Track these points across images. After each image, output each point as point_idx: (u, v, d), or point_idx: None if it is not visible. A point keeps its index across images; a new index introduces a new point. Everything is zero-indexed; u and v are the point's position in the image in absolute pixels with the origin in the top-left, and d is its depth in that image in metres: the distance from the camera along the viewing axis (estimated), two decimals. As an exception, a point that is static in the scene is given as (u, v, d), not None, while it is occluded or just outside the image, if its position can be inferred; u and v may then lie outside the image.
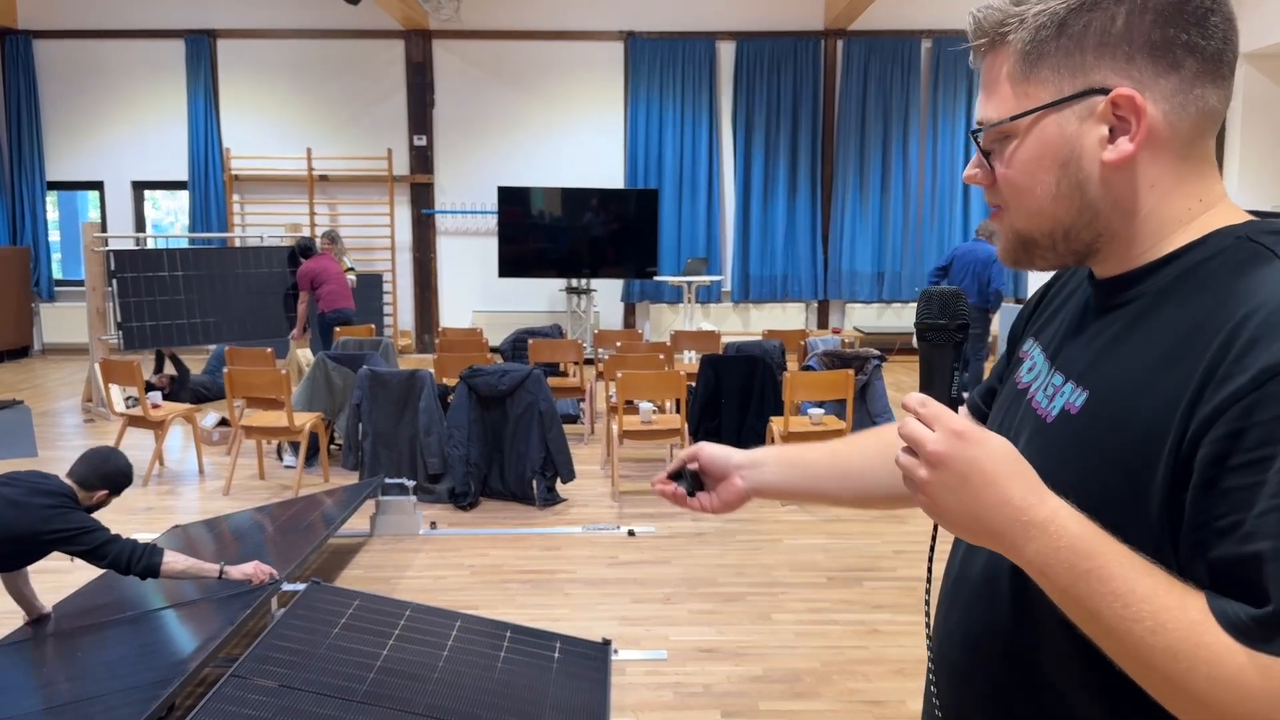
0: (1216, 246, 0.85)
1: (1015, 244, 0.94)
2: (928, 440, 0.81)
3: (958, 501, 0.81)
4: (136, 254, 8.13)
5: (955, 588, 1.02)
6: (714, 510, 1.26)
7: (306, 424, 5.93)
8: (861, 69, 11.51)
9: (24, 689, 3.10)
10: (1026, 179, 0.89)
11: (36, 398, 8.93)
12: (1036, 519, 0.78)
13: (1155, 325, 0.84)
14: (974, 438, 0.80)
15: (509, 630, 3.53)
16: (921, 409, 0.84)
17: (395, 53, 11.57)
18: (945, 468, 0.81)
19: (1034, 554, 0.78)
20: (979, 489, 0.80)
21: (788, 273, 11.69)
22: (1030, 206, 0.90)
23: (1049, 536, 0.77)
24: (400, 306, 11.91)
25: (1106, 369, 0.87)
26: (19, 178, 11.67)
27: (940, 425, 0.81)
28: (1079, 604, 0.77)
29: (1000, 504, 0.79)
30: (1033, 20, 0.87)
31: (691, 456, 1.26)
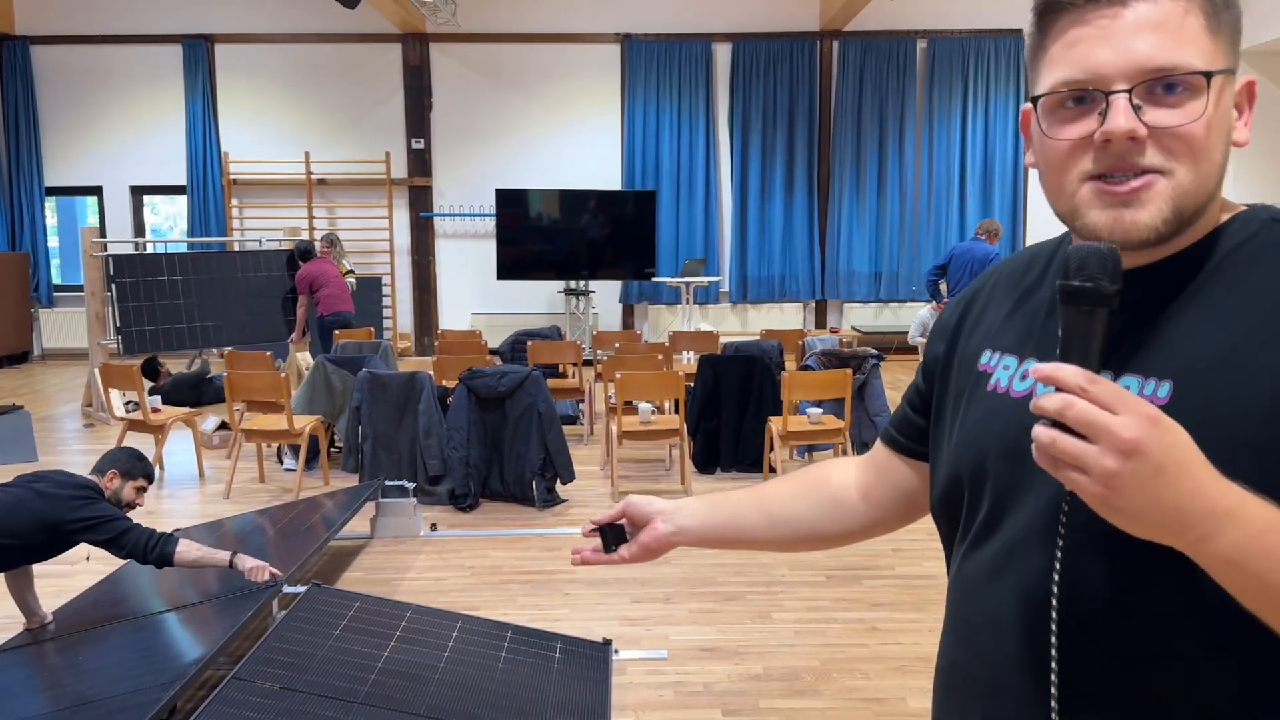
0: (1246, 230, 0.86)
1: (1175, 213, 0.84)
2: (1119, 426, 0.71)
3: (1151, 495, 0.72)
4: (135, 259, 8.14)
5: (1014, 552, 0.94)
6: (632, 559, 1.22)
7: (306, 427, 5.94)
8: (857, 69, 11.53)
9: (26, 693, 3.11)
10: (1214, 140, 0.84)
11: (36, 403, 8.94)
12: (1230, 506, 0.73)
13: (1221, 306, 0.84)
14: (1167, 423, 0.72)
15: (509, 631, 3.54)
16: (1092, 387, 0.73)
17: (392, 56, 11.59)
18: (1142, 457, 0.71)
19: (1228, 544, 0.73)
20: (1176, 479, 0.72)
21: (785, 273, 11.71)
22: (1206, 170, 0.84)
23: (1244, 523, 0.73)
24: (399, 309, 11.93)
25: (1184, 354, 0.84)
26: (17, 183, 11.69)
27: (1128, 408, 0.72)
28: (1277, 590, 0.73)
29: (1196, 494, 0.72)
30: None
31: (620, 513, 1.24)
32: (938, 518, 1.11)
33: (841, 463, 1.27)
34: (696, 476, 6.24)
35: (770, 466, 6.06)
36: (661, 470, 6.44)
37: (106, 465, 3.64)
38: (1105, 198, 0.85)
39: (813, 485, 1.23)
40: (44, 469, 3.58)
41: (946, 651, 1.03)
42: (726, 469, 6.38)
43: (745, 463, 6.36)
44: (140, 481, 3.68)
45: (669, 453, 6.70)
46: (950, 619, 1.03)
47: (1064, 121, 0.87)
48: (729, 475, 6.30)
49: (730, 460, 6.38)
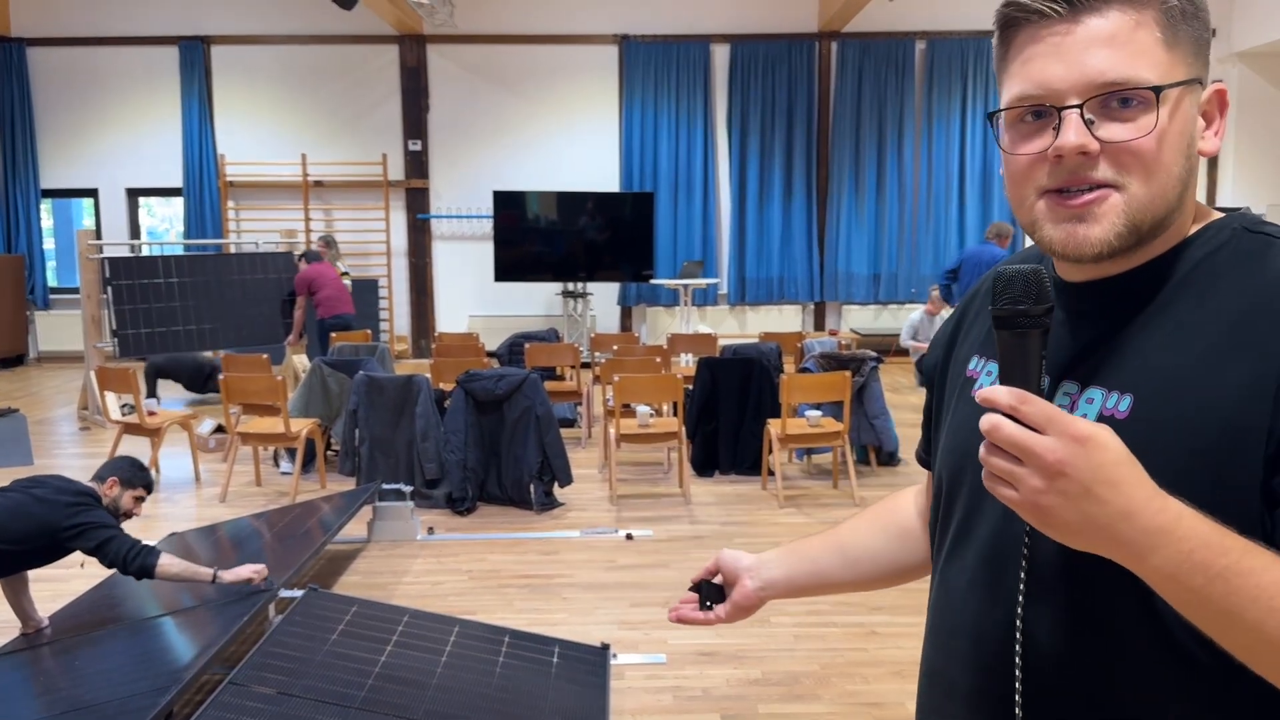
0: (1216, 240, 0.85)
1: (1130, 226, 0.84)
2: (1043, 448, 0.73)
3: (1078, 513, 0.74)
4: (131, 261, 8.11)
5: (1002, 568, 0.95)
6: (728, 619, 1.21)
7: (303, 430, 5.92)
8: (856, 71, 11.53)
9: (21, 698, 3.09)
10: (1170, 154, 0.83)
11: (32, 406, 8.91)
12: (1163, 524, 0.73)
13: (1184, 319, 0.83)
14: (1097, 443, 0.73)
15: (507, 635, 3.52)
16: (1024, 407, 0.75)
17: (389, 58, 11.58)
18: (1066, 478, 0.73)
19: (1162, 561, 0.74)
20: (1104, 498, 0.73)
21: (784, 275, 11.70)
22: (1163, 183, 0.84)
23: (1177, 540, 0.73)
24: (396, 311, 11.90)
25: (1146, 368, 0.84)
26: (13, 185, 11.66)
27: (1055, 428, 0.74)
28: (1213, 605, 0.73)
29: (1127, 513, 0.73)
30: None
31: (714, 568, 1.23)
32: (929, 525, 1.12)
33: (905, 493, 1.27)
34: (695, 479, 6.23)
35: (769, 469, 6.05)
36: (660, 473, 6.42)
37: (107, 473, 3.62)
38: (1059, 212, 0.86)
39: (883, 519, 1.24)
40: (41, 474, 3.56)
41: (928, 658, 1.05)
42: (725, 472, 6.37)
43: (744, 466, 6.34)
44: (139, 491, 3.66)
45: (667, 456, 6.69)
46: (931, 626, 1.04)
47: (1022, 136, 0.88)
48: (727, 478, 6.28)
49: (729, 463, 6.37)
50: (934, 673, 1.02)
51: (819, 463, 6.61)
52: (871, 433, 6.28)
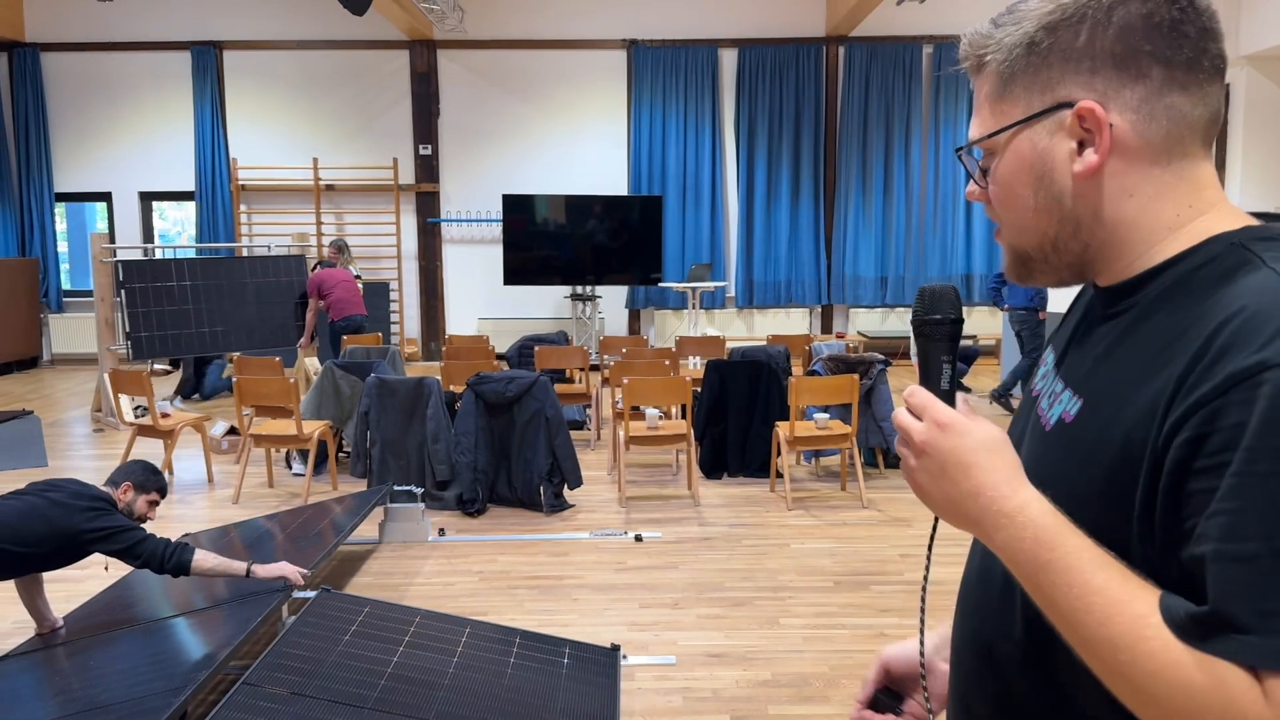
0: (1209, 254, 0.85)
1: (1013, 259, 0.97)
2: (913, 429, 0.88)
3: (938, 489, 0.86)
4: (144, 264, 8.17)
5: (970, 594, 1.03)
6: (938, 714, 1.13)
7: (315, 432, 5.96)
8: (863, 75, 11.54)
9: (37, 698, 3.13)
10: (1008, 194, 0.93)
11: (46, 408, 8.97)
12: (1006, 509, 0.82)
13: (1143, 334, 0.85)
14: (956, 429, 0.85)
15: (518, 636, 3.55)
16: (910, 398, 0.89)
17: (400, 63, 11.63)
18: (927, 456, 0.87)
19: (1002, 542, 0.82)
20: (955, 478, 0.85)
21: (791, 278, 11.71)
22: (1016, 221, 0.93)
23: (1016, 526, 0.81)
24: (406, 314, 11.95)
25: (1099, 377, 0.88)
26: (27, 189, 11.75)
27: (926, 415, 0.87)
28: (1040, 593, 0.80)
29: (974, 493, 0.84)
30: (1007, 42, 0.90)
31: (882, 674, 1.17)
32: None
33: None
34: (703, 482, 6.25)
35: (777, 471, 6.07)
36: (669, 475, 6.45)
37: (121, 478, 3.66)
38: None
39: None
40: (56, 478, 3.60)
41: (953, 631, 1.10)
42: (734, 474, 6.39)
43: (752, 468, 6.36)
44: (153, 495, 3.70)
45: (676, 458, 6.71)
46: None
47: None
48: (736, 481, 6.30)
49: (737, 465, 6.39)
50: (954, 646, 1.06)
51: (827, 465, 6.63)
52: (879, 435, 6.30)
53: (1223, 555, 0.71)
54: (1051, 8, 0.88)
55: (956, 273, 11.61)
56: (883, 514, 5.57)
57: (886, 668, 1.18)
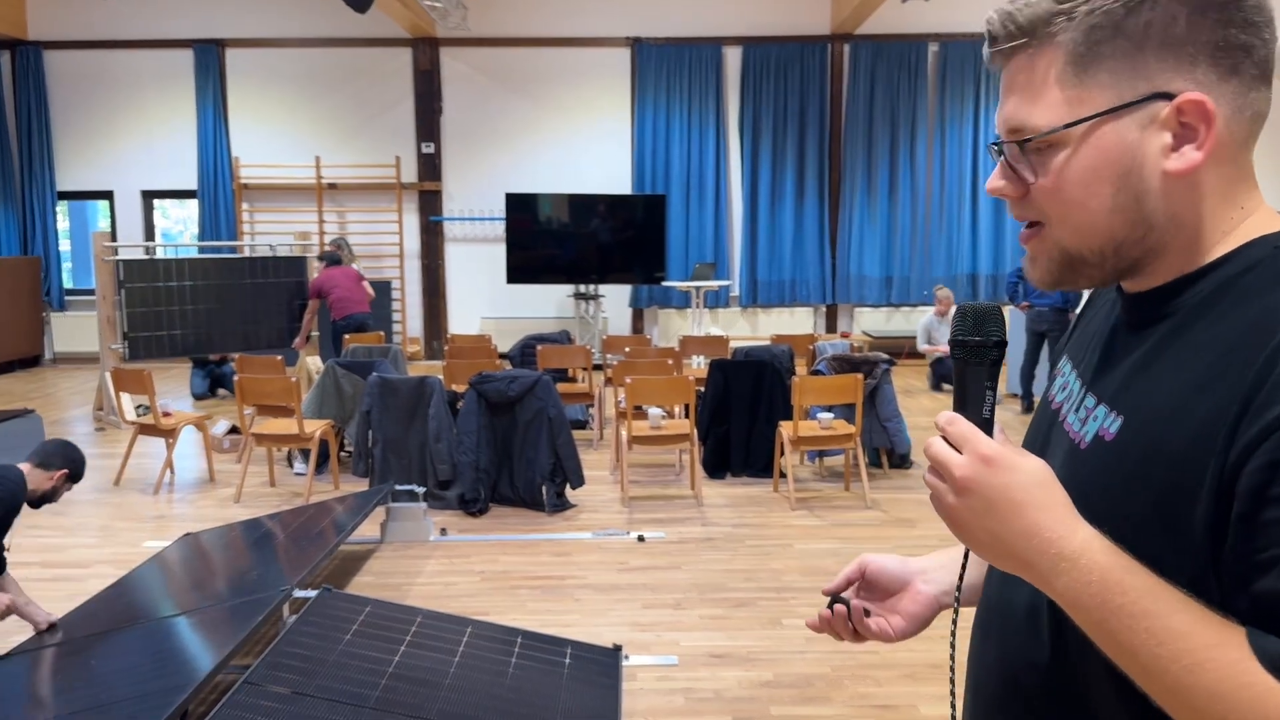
0: (1253, 258, 0.80)
1: (1060, 263, 0.87)
2: (954, 464, 0.80)
3: (984, 528, 0.79)
4: (145, 264, 8.17)
5: (991, 618, 0.98)
6: (902, 636, 1.07)
7: (316, 431, 5.95)
8: (868, 73, 11.52)
9: (38, 697, 3.12)
10: (1080, 191, 0.83)
11: (48, 406, 8.97)
12: (1066, 551, 0.75)
13: (1189, 345, 0.80)
14: (1003, 464, 0.78)
15: (520, 636, 3.53)
16: (949, 428, 0.81)
17: (403, 61, 11.62)
18: (971, 494, 0.79)
19: (1064, 588, 0.76)
20: (1006, 517, 0.77)
21: (796, 277, 11.69)
22: (1083, 221, 0.84)
23: (1079, 570, 0.75)
24: (409, 313, 11.94)
25: (1140, 392, 0.82)
26: (29, 188, 11.75)
27: (969, 448, 0.79)
28: (1112, 639, 0.74)
29: (1028, 534, 0.77)
30: (1085, 19, 0.81)
31: (857, 573, 1.09)
32: None
33: None
34: (707, 481, 6.23)
35: (781, 471, 6.05)
36: (672, 475, 6.43)
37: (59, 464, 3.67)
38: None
39: None
40: None
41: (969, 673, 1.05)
42: (737, 474, 6.37)
43: (756, 468, 6.34)
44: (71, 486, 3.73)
45: (679, 458, 6.69)
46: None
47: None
48: (739, 480, 6.28)
49: (740, 465, 6.37)
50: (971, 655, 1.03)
51: (831, 465, 6.61)
52: (883, 435, 6.28)
53: None
54: None
55: (962, 272, 11.58)
56: (887, 514, 5.54)
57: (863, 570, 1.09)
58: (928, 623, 1.07)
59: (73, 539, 5.22)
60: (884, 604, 1.09)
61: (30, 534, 5.29)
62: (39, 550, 5.02)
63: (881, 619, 1.07)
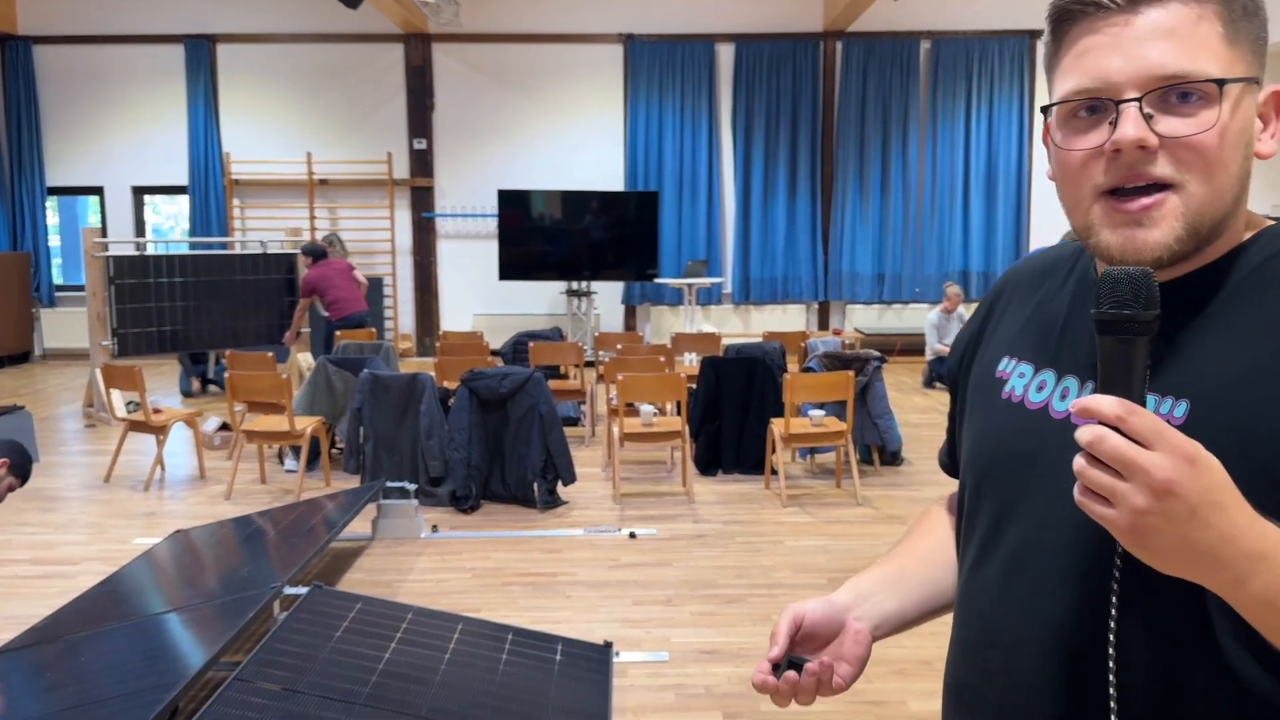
0: (1273, 246, 0.85)
1: (1191, 229, 0.82)
2: (1152, 465, 0.69)
3: (1181, 535, 0.70)
4: (135, 260, 8.14)
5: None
6: (849, 681, 1.00)
7: (308, 428, 5.94)
8: (860, 71, 11.52)
9: (26, 694, 3.11)
10: (1229, 152, 0.81)
11: (38, 403, 8.94)
12: (1264, 549, 0.71)
13: (1242, 325, 0.82)
14: (1204, 462, 0.70)
15: (510, 633, 3.54)
16: (1132, 419, 0.69)
17: (395, 57, 11.59)
18: (1175, 498, 0.69)
19: (1262, 587, 0.71)
20: (1210, 521, 0.70)
21: (788, 274, 11.70)
22: (1222, 183, 0.82)
23: (1274, 566, 0.71)
24: (401, 310, 11.93)
25: (1202, 374, 0.82)
26: (19, 183, 11.69)
27: (1165, 445, 0.69)
28: None
29: (1229, 538, 0.70)
30: None
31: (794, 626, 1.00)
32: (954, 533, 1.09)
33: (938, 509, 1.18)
34: (698, 478, 6.24)
35: (772, 468, 6.06)
36: (663, 472, 6.43)
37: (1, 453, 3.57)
38: (1116, 216, 0.83)
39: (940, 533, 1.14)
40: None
41: (952, 668, 1.01)
42: (728, 471, 6.38)
43: (747, 465, 6.35)
44: (15, 481, 3.61)
45: (671, 455, 6.70)
46: (956, 637, 1.00)
47: (1077, 132, 0.85)
48: (731, 477, 6.29)
49: (732, 462, 6.38)
50: (960, 684, 0.98)
51: (822, 462, 6.62)
52: (875, 432, 6.29)
53: None
54: None
55: (954, 269, 11.61)
56: (877, 511, 5.56)
57: (798, 624, 1.00)
58: (866, 661, 1.02)
59: (63, 535, 5.21)
60: (826, 652, 1.01)
61: (20, 531, 5.28)
62: (29, 547, 5.01)
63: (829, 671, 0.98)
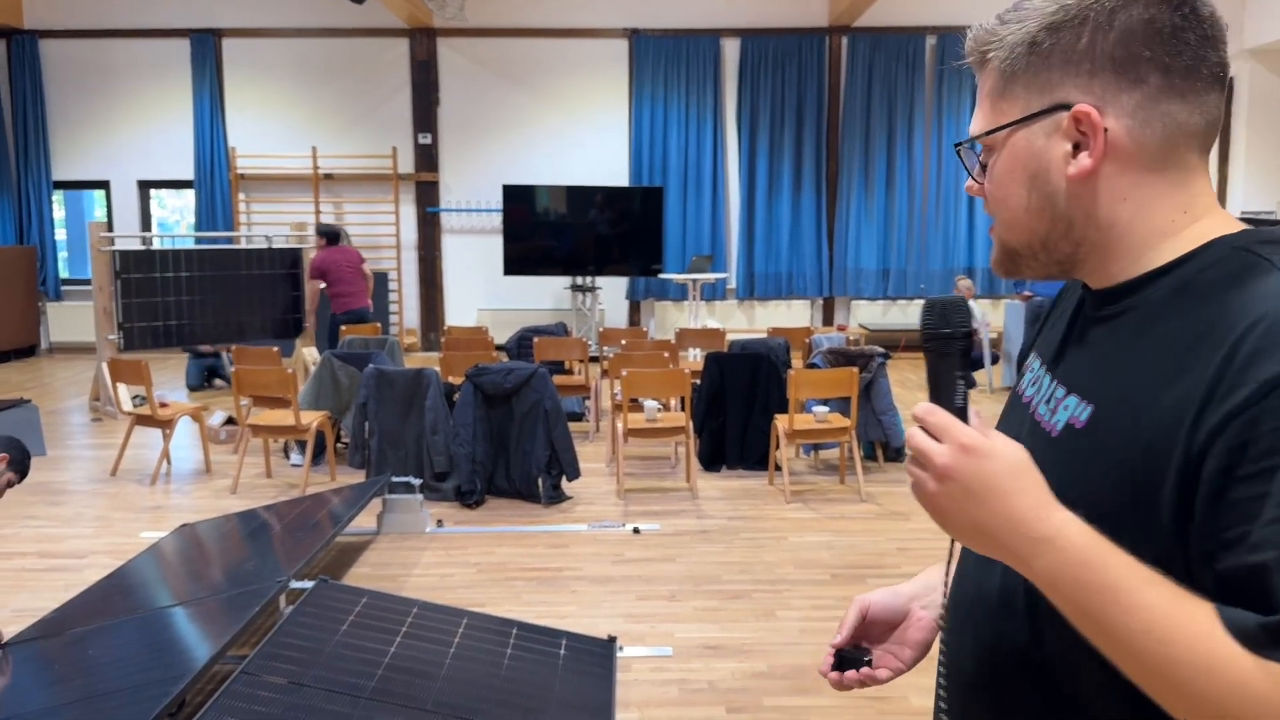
0: (1213, 258, 0.85)
1: (1002, 254, 0.97)
2: (934, 453, 0.82)
3: (965, 515, 0.82)
4: (141, 254, 8.17)
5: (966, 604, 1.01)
6: (910, 665, 1.11)
7: (313, 423, 5.96)
8: (866, 66, 11.51)
9: (35, 687, 3.13)
10: (1001, 191, 0.93)
11: (44, 396, 8.97)
12: (1044, 534, 0.79)
13: (1157, 338, 0.84)
14: (982, 451, 0.81)
15: (515, 628, 3.55)
16: (928, 418, 0.84)
17: (400, 51, 11.60)
18: (951, 481, 0.82)
19: (1042, 569, 0.79)
20: (985, 503, 0.81)
21: (793, 270, 11.70)
22: (1008, 218, 0.93)
23: (1056, 551, 0.78)
24: (406, 305, 11.94)
25: (1111, 382, 0.86)
26: (25, 177, 11.72)
27: (948, 437, 0.82)
28: (1088, 617, 0.77)
29: (1009, 519, 0.80)
30: (1010, 40, 0.90)
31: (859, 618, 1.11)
32: None
33: None
34: (702, 474, 6.25)
35: (776, 464, 6.07)
36: (667, 468, 6.45)
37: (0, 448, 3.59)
38: None
39: None
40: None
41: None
42: (732, 467, 6.39)
43: (751, 461, 6.36)
44: (13, 476, 3.63)
45: (675, 450, 6.71)
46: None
47: None
48: (734, 473, 6.30)
49: (736, 458, 6.39)
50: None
51: (826, 458, 6.63)
52: (879, 428, 6.30)
53: None
54: (1054, 8, 0.87)
55: (959, 265, 11.59)
56: (881, 507, 5.57)
57: (864, 614, 1.12)
58: (929, 648, 1.12)
59: (69, 529, 5.24)
60: (891, 638, 1.13)
61: (27, 524, 5.31)
62: (36, 540, 5.04)
63: (890, 657, 1.11)
